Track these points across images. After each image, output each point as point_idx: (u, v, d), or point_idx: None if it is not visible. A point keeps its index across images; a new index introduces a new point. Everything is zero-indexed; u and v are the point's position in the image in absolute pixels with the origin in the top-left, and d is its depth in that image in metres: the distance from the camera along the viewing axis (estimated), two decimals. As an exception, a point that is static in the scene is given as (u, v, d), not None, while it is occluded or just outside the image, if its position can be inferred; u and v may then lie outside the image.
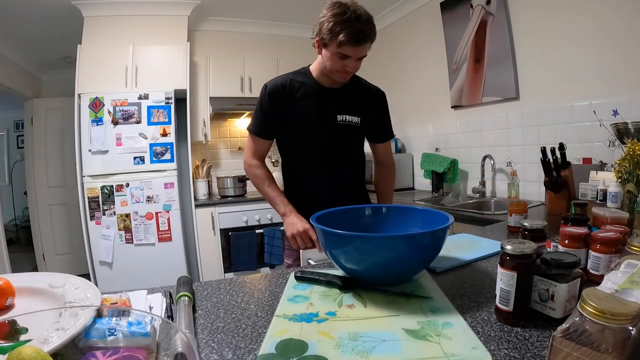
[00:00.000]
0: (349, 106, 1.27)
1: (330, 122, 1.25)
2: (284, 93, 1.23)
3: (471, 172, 2.60)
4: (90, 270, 2.66)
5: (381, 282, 0.76)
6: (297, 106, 1.23)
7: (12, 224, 5.01)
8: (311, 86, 1.25)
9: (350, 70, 1.16)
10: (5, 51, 3.19)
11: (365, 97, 1.31)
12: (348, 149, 1.30)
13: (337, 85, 1.25)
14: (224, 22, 3.38)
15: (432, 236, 0.73)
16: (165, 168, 2.75)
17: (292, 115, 1.24)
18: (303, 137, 1.26)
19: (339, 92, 1.26)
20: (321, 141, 1.25)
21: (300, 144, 1.28)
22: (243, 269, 2.99)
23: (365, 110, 1.30)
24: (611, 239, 0.69)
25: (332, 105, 1.25)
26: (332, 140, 1.26)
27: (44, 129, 3.76)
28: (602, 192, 1.36)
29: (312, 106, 1.23)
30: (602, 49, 1.79)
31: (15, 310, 0.62)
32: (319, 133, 1.25)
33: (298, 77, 1.27)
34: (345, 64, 1.13)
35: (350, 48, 1.09)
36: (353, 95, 1.29)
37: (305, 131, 1.25)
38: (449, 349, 0.52)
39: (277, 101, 1.23)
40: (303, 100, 1.24)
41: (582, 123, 1.88)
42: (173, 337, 0.43)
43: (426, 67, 2.98)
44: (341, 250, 0.76)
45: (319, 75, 1.25)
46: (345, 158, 1.30)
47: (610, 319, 0.37)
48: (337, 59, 1.12)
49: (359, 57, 1.13)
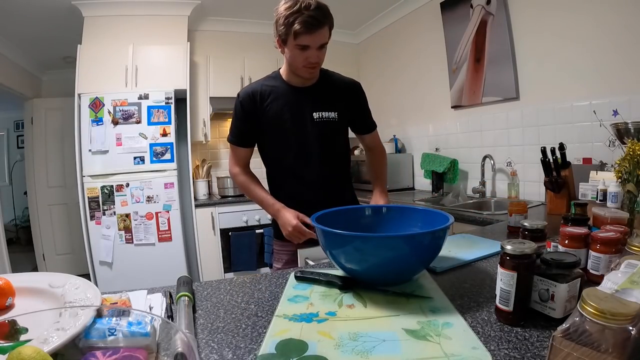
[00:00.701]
0: (323, 102, 1.27)
1: (307, 121, 1.25)
2: (255, 100, 1.24)
3: (471, 172, 2.60)
4: (90, 270, 2.66)
5: (381, 282, 0.76)
6: (271, 111, 1.24)
7: (12, 224, 5.01)
8: (282, 88, 1.25)
9: (313, 60, 1.15)
10: (5, 51, 3.18)
11: (339, 90, 1.31)
12: (329, 145, 1.29)
13: (309, 84, 1.26)
14: (224, 22, 3.38)
15: (432, 236, 0.73)
16: (165, 168, 2.75)
17: (267, 120, 1.25)
18: (281, 139, 1.26)
19: (311, 89, 1.26)
20: (300, 141, 1.25)
21: (280, 146, 1.28)
22: (243, 269, 2.99)
23: (341, 104, 1.29)
24: (611, 239, 0.69)
25: (307, 104, 1.25)
26: (311, 139, 1.25)
27: (44, 129, 3.76)
28: (602, 192, 1.36)
29: (286, 108, 1.24)
30: (602, 49, 1.79)
31: (15, 310, 0.62)
32: (296, 133, 1.25)
33: (269, 81, 1.28)
34: (307, 55, 1.13)
35: (306, 37, 1.09)
36: (326, 90, 1.28)
37: (282, 134, 1.25)
38: (449, 349, 0.52)
39: (250, 109, 1.24)
40: (275, 104, 1.24)
41: (582, 123, 1.88)
42: (173, 337, 0.43)
43: (426, 67, 2.98)
44: (341, 250, 0.76)
45: (288, 76, 1.26)
46: (326, 155, 1.28)
47: (610, 319, 0.37)
48: (298, 52, 1.13)
49: (318, 45, 1.12)
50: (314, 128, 1.25)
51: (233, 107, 1.30)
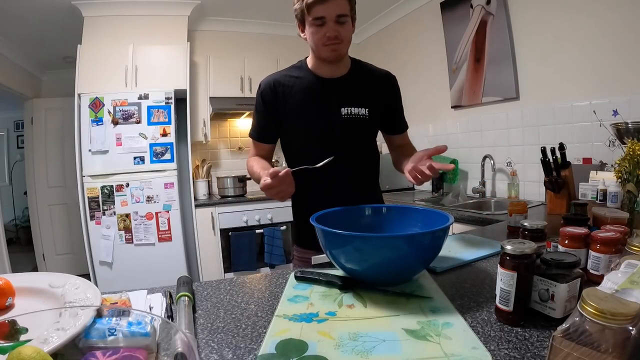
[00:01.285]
0: (353, 97, 1.13)
1: (334, 117, 1.12)
2: (276, 91, 1.13)
3: (471, 172, 2.60)
4: (90, 270, 2.66)
5: (381, 282, 0.76)
6: (294, 104, 1.12)
7: (12, 224, 5.01)
8: (308, 79, 1.13)
9: (330, 34, 1.02)
10: (5, 51, 3.19)
11: (372, 83, 1.17)
12: (356, 145, 1.16)
13: (338, 74, 1.13)
14: (224, 22, 3.38)
15: (432, 236, 0.73)
16: (165, 168, 2.75)
17: (290, 114, 1.13)
18: (304, 136, 1.15)
19: (340, 82, 1.14)
20: (325, 139, 1.12)
21: (302, 144, 1.16)
22: (243, 269, 2.99)
23: (373, 100, 1.16)
24: (611, 239, 0.69)
25: (334, 98, 1.12)
26: (337, 138, 1.12)
27: (44, 129, 3.76)
28: (602, 192, 1.36)
29: (311, 101, 1.12)
30: (602, 49, 1.79)
31: (15, 310, 0.62)
32: (321, 130, 1.12)
33: (293, 71, 1.16)
34: (325, 30, 1.02)
35: (319, 7, 0.99)
36: (357, 83, 1.15)
37: (306, 130, 1.14)
38: (449, 349, 0.52)
39: (271, 101, 1.13)
40: (300, 96, 1.12)
41: (582, 123, 1.88)
42: (173, 337, 0.43)
43: (426, 67, 2.98)
44: (341, 251, 0.76)
45: (314, 65, 1.13)
46: (353, 156, 1.15)
47: (610, 319, 0.37)
48: (315, 29, 1.03)
49: (335, 15, 1.01)
50: (340, 125, 1.12)
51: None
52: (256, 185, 3.64)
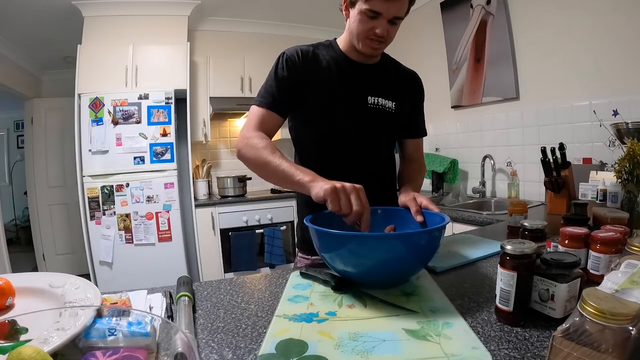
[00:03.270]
0: (382, 86, 1.05)
1: (359, 104, 1.02)
2: (305, 62, 1.01)
3: (471, 172, 2.60)
4: (90, 270, 2.67)
5: (379, 284, 0.74)
6: (319, 80, 1.01)
7: (12, 224, 5.01)
8: (338, 59, 1.03)
9: (380, 33, 0.93)
10: (6, 51, 3.19)
11: (401, 78, 1.10)
12: (378, 141, 1.07)
13: (370, 61, 1.05)
14: (224, 22, 3.38)
15: (428, 236, 0.72)
16: (165, 168, 2.75)
17: (313, 91, 1.01)
18: (325, 121, 1.02)
19: (371, 68, 1.05)
20: (347, 128, 1.02)
21: (321, 130, 1.03)
22: (243, 269, 2.99)
23: (401, 95, 1.08)
24: (611, 239, 0.69)
25: (362, 84, 1.03)
26: (360, 128, 1.03)
27: (44, 129, 3.77)
28: (602, 192, 1.36)
29: (338, 82, 1.01)
30: (602, 48, 1.79)
31: (15, 310, 0.62)
32: (344, 117, 1.01)
33: (322, 49, 1.05)
34: (375, 25, 0.93)
35: (381, 2, 0.89)
36: (388, 74, 1.08)
37: (327, 113, 1.02)
38: (449, 349, 0.52)
39: (297, 70, 1.00)
40: (327, 74, 1.01)
41: (582, 123, 1.88)
42: (173, 337, 0.43)
43: (426, 67, 2.97)
44: (336, 253, 0.73)
45: (347, 48, 1.04)
46: (374, 153, 1.06)
47: (610, 319, 0.37)
48: (365, 19, 0.92)
49: (391, 16, 0.92)
50: (365, 115, 1.03)
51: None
52: (257, 186, 3.66)
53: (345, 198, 0.75)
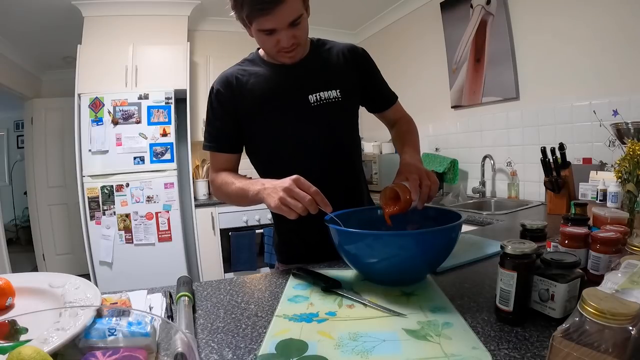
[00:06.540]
0: (319, 79, 0.99)
1: (302, 108, 0.97)
2: (232, 89, 0.97)
3: (471, 172, 2.60)
4: (90, 270, 2.66)
5: (395, 281, 0.76)
6: (253, 100, 0.96)
7: (12, 224, 5.01)
8: (264, 72, 0.98)
9: (286, 44, 0.87)
10: (5, 51, 3.19)
11: (337, 61, 1.02)
12: (335, 135, 1.01)
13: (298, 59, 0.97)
14: (224, 22, 3.38)
15: (446, 235, 0.74)
16: (165, 168, 2.75)
17: (251, 114, 0.98)
18: (271, 135, 0.99)
19: (302, 66, 0.98)
20: (296, 134, 0.98)
21: (271, 145, 1.00)
22: (243, 269, 2.99)
23: (343, 78, 1.01)
24: (611, 239, 0.69)
25: (298, 86, 0.97)
26: (310, 129, 0.98)
27: (44, 129, 3.77)
28: (602, 192, 1.36)
29: (272, 95, 0.96)
30: (602, 48, 1.79)
31: (15, 310, 0.62)
32: (289, 124, 0.97)
33: (247, 65, 1.01)
34: (277, 38, 0.86)
35: (262, 19, 0.82)
36: (321, 64, 1.01)
37: (273, 128, 0.98)
38: (449, 349, 0.52)
39: (228, 100, 0.97)
40: (259, 92, 0.96)
41: (582, 123, 1.88)
42: (173, 337, 0.43)
43: (426, 67, 2.98)
44: (354, 246, 0.76)
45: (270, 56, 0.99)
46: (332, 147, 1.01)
47: (610, 319, 0.37)
48: (264, 37, 0.87)
49: (286, 24, 0.84)
50: (312, 115, 0.97)
51: None
52: (256, 185, 3.56)
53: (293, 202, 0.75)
